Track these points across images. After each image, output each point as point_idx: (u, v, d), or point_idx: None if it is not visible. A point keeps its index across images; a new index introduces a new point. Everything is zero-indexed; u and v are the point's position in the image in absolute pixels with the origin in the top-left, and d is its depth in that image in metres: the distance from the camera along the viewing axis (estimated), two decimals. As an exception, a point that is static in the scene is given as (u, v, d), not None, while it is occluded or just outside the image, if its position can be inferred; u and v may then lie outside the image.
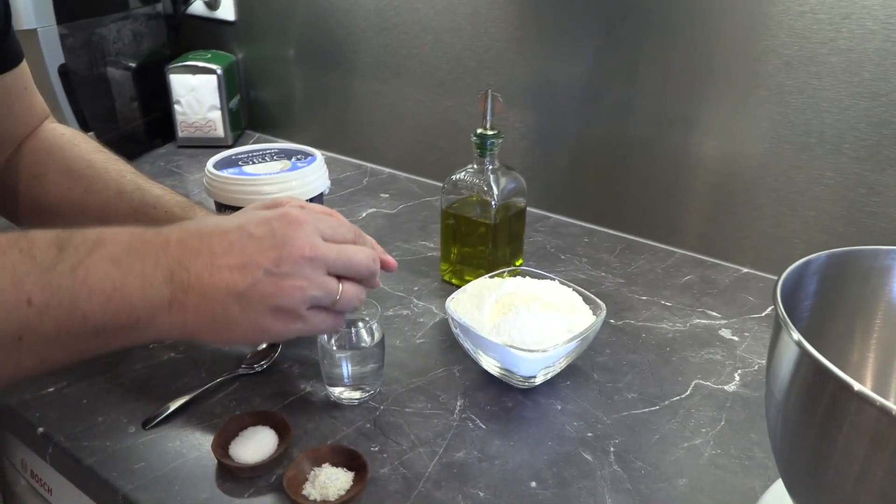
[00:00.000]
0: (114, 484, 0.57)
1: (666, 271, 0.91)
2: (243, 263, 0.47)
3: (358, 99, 1.23)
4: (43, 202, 0.73)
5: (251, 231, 0.49)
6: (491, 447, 0.61)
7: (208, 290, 0.47)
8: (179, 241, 0.47)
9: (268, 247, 0.48)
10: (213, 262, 0.47)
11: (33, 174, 0.73)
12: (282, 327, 0.50)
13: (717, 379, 0.71)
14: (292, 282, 0.48)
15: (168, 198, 0.72)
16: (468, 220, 0.83)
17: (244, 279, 0.47)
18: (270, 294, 0.48)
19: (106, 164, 0.74)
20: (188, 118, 1.29)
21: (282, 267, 0.48)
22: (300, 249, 0.49)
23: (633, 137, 0.96)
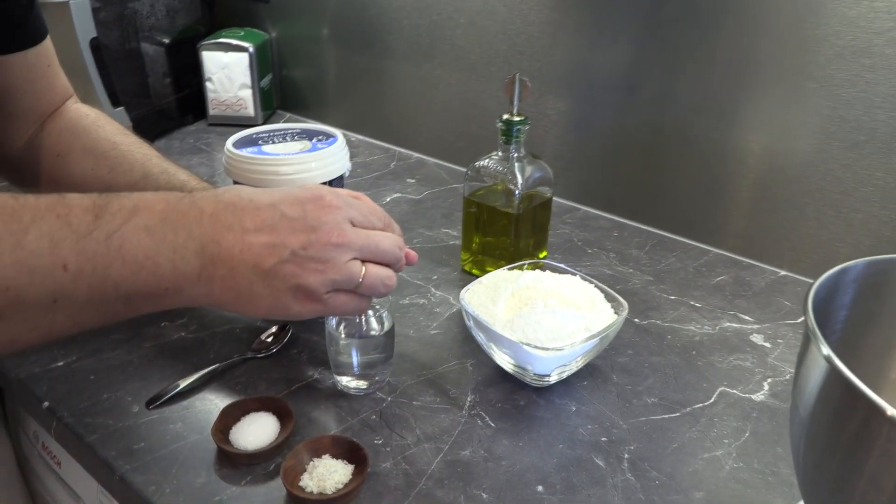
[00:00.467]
0: (112, 463, 0.56)
1: (698, 270, 0.87)
2: (272, 242, 0.48)
3: (389, 81, 1.20)
4: (66, 182, 0.73)
5: (284, 210, 0.49)
6: (499, 447, 0.59)
7: (236, 265, 0.48)
8: (213, 215, 0.48)
9: (298, 228, 0.49)
10: (244, 238, 0.48)
11: (56, 153, 0.73)
12: (301, 307, 0.51)
13: (745, 387, 0.67)
14: (316, 265, 0.49)
15: (194, 183, 0.72)
16: (491, 208, 0.80)
17: (271, 257, 0.48)
18: (293, 274, 0.49)
19: (131, 146, 0.74)
20: (219, 96, 1.28)
21: (308, 250, 0.49)
22: (328, 235, 0.49)
23: (672, 129, 0.92)
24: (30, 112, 0.73)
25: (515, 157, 0.78)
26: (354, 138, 1.28)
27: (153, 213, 0.47)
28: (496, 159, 0.79)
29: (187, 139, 1.25)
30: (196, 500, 0.53)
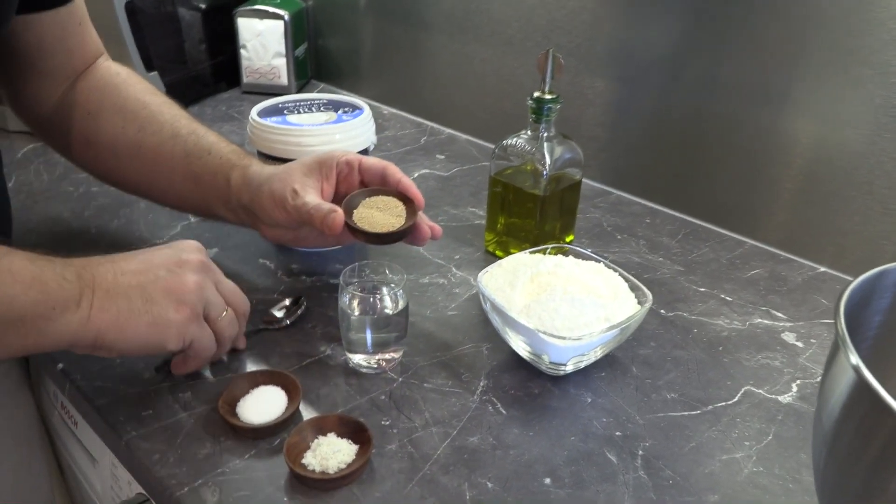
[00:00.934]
0: (119, 429, 0.56)
1: (731, 262, 0.84)
2: (145, 267, 0.53)
3: (423, 54, 1.18)
4: (96, 140, 0.73)
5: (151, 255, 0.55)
6: (508, 435, 0.57)
7: (112, 287, 0.51)
8: (82, 259, 0.52)
9: (169, 255, 0.55)
10: (116, 267, 0.53)
11: (87, 112, 0.73)
12: (183, 321, 0.54)
13: (772, 387, 0.64)
14: (193, 277, 0.54)
15: (223, 145, 0.71)
16: (517, 189, 0.77)
17: (146, 277, 0.53)
18: (173, 289, 0.53)
19: (161, 106, 0.73)
20: (253, 64, 1.27)
21: (183, 268, 0.54)
22: (197, 258, 0.56)
23: (713, 114, 0.87)
24: (61, 70, 0.73)
25: (545, 137, 0.76)
26: (387, 111, 1.26)
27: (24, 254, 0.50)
28: (525, 138, 0.77)
29: (220, 106, 1.25)
30: (199, 472, 0.53)
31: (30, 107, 0.75)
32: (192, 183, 0.70)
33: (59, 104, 0.74)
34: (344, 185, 0.66)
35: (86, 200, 0.90)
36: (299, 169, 0.65)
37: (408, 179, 0.64)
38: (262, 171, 0.67)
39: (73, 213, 0.88)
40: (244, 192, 0.67)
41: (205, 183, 0.70)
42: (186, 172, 0.70)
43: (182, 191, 0.72)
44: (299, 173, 0.64)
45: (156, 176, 0.72)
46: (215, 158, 0.70)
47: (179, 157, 0.70)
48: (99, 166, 0.76)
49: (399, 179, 0.64)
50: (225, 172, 0.68)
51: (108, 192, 0.92)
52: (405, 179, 0.64)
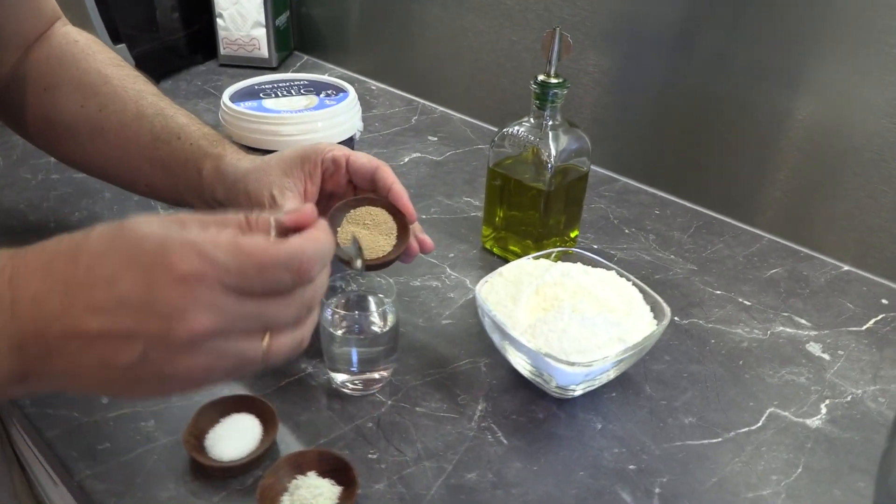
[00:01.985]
0: (71, 466, 0.50)
1: (748, 260, 0.77)
2: (116, 333, 0.33)
3: (415, 25, 1.09)
4: (54, 118, 0.65)
5: (122, 290, 0.33)
6: (510, 470, 0.51)
7: (78, 362, 0.35)
8: (34, 301, 0.34)
9: (146, 317, 0.33)
10: (78, 327, 0.34)
11: (43, 87, 0.65)
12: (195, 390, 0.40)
13: (799, 409, 0.58)
14: (190, 360, 0.34)
15: (194, 128, 0.62)
16: (518, 182, 0.70)
17: (123, 354, 0.34)
18: (163, 373, 0.34)
19: (124, 80, 0.65)
20: (231, 34, 1.18)
21: (169, 347, 0.33)
22: (190, 327, 0.33)
23: (727, 96, 0.80)
24: (12, 38, 0.64)
25: (550, 126, 0.68)
26: (375, 87, 1.17)
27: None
28: (528, 126, 0.69)
29: (195, 80, 1.16)
30: (160, 519, 0.46)
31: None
32: (161, 171, 0.62)
33: (12, 77, 0.65)
34: (330, 184, 0.58)
35: (45, 190, 0.82)
36: (278, 166, 0.56)
37: (400, 187, 0.55)
38: (238, 164, 0.58)
39: (31, 203, 0.80)
40: (218, 187, 0.59)
41: (174, 172, 0.61)
42: (154, 158, 0.62)
43: (150, 179, 0.64)
44: (278, 172, 0.55)
45: (120, 161, 0.64)
46: (185, 144, 0.61)
47: (145, 140, 0.62)
48: (58, 148, 0.68)
49: (390, 186, 0.55)
50: (196, 162, 0.60)
51: (69, 180, 0.84)
52: (397, 187, 0.55)
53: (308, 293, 0.37)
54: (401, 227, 0.54)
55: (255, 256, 0.34)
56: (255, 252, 0.34)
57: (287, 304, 0.36)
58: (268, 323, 0.36)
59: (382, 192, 0.54)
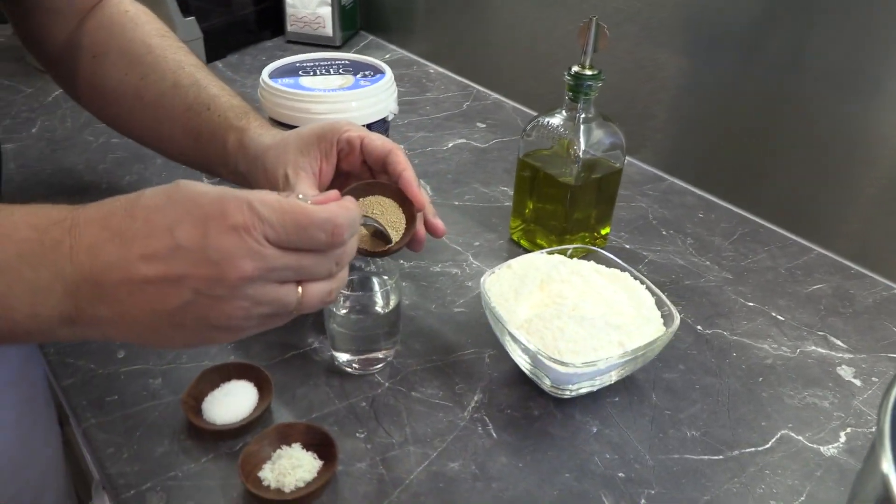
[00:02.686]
0: (80, 414, 0.53)
1: (791, 273, 0.73)
2: (169, 278, 0.37)
3: (476, 10, 1.08)
4: (101, 85, 0.68)
5: (179, 237, 0.37)
6: (494, 464, 0.51)
7: (127, 308, 0.38)
8: (92, 248, 0.37)
9: (199, 261, 0.37)
10: (132, 274, 0.37)
11: (93, 54, 0.68)
12: (229, 338, 0.42)
13: (815, 434, 0.55)
14: (233, 303, 0.38)
15: (224, 99, 0.64)
16: (547, 175, 0.69)
17: (170, 298, 0.37)
18: (207, 316, 0.38)
19: (165, 51, 0.67)
20: (298, 11, 1.20)
21: (215, 289, 0.37)
22: (238, 270, 0.37)
23: (791, 99, 0.75)
24: (69, 6, 0.68)
25: (582, 119, 0.66)
26: (433, 70, 1.17)
27: (10, 242, 0.37)
28: (561, 117, 0.68)
29: (260, 56, 1.19)
30: (150, 473, 0.49)
31: (39, 46, 0.71)
32: (193, 140, 0.64)
33: (67, 44, 0.69)
34: (345, 164, 0.58)
35: (103, 153, 0.87)
36: (296, 144, 0.57)
37: (411, 173, 0.53)
38: (260, 139, 0.60)
39: (88, 165, 0.85)
40: (241, 159, 0.61)
41: (203, 142, 0.64)
42: (186, 128, 0.64)
43: (184, 147, 0.66)
44: (295, 150, 0.56)
45: (158, 129, 0.67)
46: (214, 116, 0.63)
47: (180, 110, 0.64)
48: (104, 113, 0.72)
49: (400, 173, 0.54)
50: (222, 133, 0.62)
51: (126, 144, 0.88)
52: (407, 174, 0.53)
53: (339, 253, 0.42)
54: (409, 214, 0.54)
55: (297, 215, 0.39)
56: (296, 212, 0.39)
57: (320, 260, 0.41)
58: (303, 274, 0.40)
59: (393, 177, 0.54)
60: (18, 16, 0.68)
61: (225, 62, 1.16)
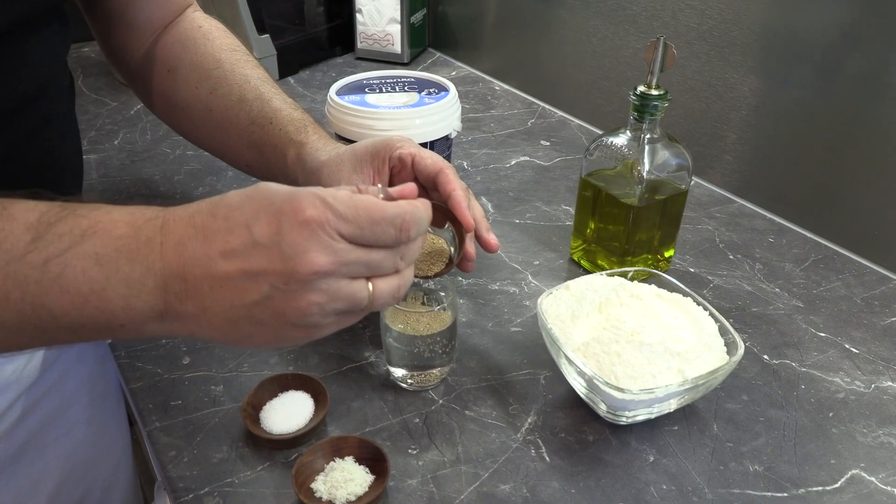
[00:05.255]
0: (146, 417, 0.55)
1: (867, 303, 0.70)
2: (247, 273, 0.38)
3: (542, 28, 1.08)
4: (174, 98, 0.71)
5: (255, 233, 0.39)
6: (545, 489, 0.50)
7: (209, 304, 0.39)
8: (179, 245, 0.39)
9: (274, 256, 0.38)
10: (213, 271, 0.39)
11: (167, 68, 0.71)
12: (307, 336, 0.42)
13: (889, 475, 0.52)
14: (307, 297, 0.39)
15: (285, 113, 0.66)
16: (609, 195, 0.68)
17: (250, 293, 0.39)
18: (283, 311, 0.39)
19: (234, 65, 0.69)
20: (368, 29, 1.23)
21: (291, 284, 0.38)
22: (310, 264, 0.38)
23: (872, 122, 0.72)
24: (147, 23, 0.71)
25: (647, 139, 0.65)
26: (498, 87, 1.18)
27: (109, 238, 0.39)
28: (625, 138, 0.67)
29: (330, 72, 1.22)
30: (208, 478, 0.50)
31: (120, 60, 0.74)
32: (257, 153, 0.66)
33: (144, 58, 0.72)
34: (398, 180, 0.58)
35: (179, 164, 0.91)
36: (350, 161, 0.58)
37: (459, 193, 0.53)
38: (316, 155, 0.61)
39: (164, 176, 0.88)
40: (299, 173, 0.62)
41: (266, 155, 0.65)
42: (251, 141, 0.66)
43: (249, 159, 0.68)
44: (349, 168, 0.57)
45: (226, 141, 0.69)
46: (275, 129, 0.65)
47: (244, 124, 0.66)
48: (178, 125, 0.74)
49: (450, 193, 0.53)
50: (283, 148, 0.63)
51: (200, 157, 0.92)
52: (457, 194, 0.53)
53: (406, 250, 0.42)
54: (460, 235, 0.54)
55: (368, 210, 0.39)
56: (368, 207, 0.40)
57: (388, 255, 0.41)
58: (373, 269, 0.41)
59: (443, 197, 0.54)
60: (102, 32, 0.72)
61: (296, 78, 1.20)
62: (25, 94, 0.55)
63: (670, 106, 0.64)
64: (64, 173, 0.64)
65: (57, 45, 0.59)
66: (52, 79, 0.59)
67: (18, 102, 0.54)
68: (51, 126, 0.59)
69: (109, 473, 0.72)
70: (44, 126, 0.58)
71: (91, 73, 1.19)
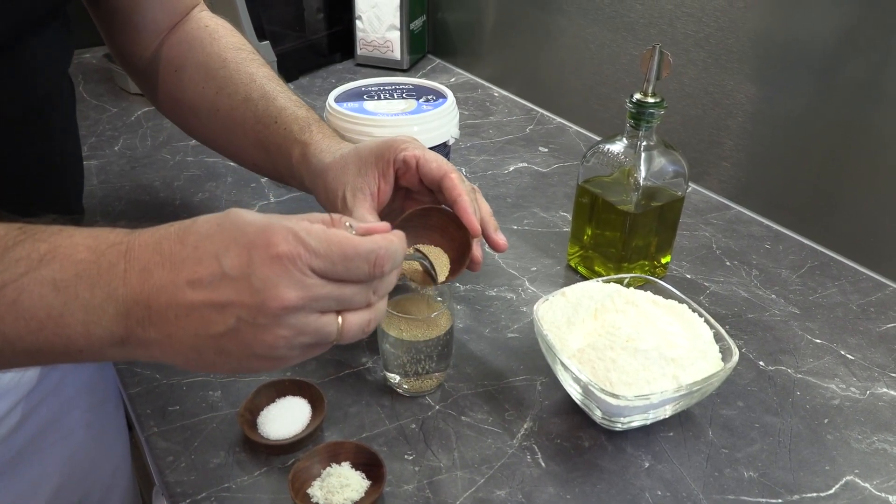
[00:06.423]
0: (144, 422, 0.55)
1: (863, 310, 0.70)
2: (213, 304, 0.38)
3: (540, 35, 1.09)
4: (180, 98, 0.71)
5: (225, 265, 0.38)
6: (541, 494, 0.50)
7: (173, 331, 0.39)
8: (144, 271, 0.39)
9: (243, 290, 0.38)
10: (179, 299, 0.38)
11: (174, 68, 0.70)
12: (272, 367, 0.42)
13: (884, 482, 0.52)
14: (275, 332, 0.38)
15: (290, 112, 0.65)
16: (606, 202, 0.68)
17: (215, 324, 0.38)
18: (250, 343, 0.39)
19: (240, 65, 0.69)
20: (367, 36, 1.24)
21: (258, 318, 0.38)
22: (280, 299, 0.37)
23: (870, 128, 0.73)
24: (154, 24, 0.70)
25: (644, 146, 0.66)
26: (497, 94, 1.18)
27: (69, 262, 0.38)
28: (622, 144, 0.67)
29: (330, 78, 1.23)
30: (205, 483, 0.50)
31: (128, 61, 0.74)
32: (263, 152, 0.66)
33: (152, 58, 0.71)
34: (403, 181, 0.58)
35: (178, 170, 0.91)
36: (354, 164, 0.57)
37: (465, 199, 0.52)
38: (322, 156, 0.60)
39: (164, 182, 0.89)
40: (304, 173, 0.62)
41: (272, 154, 0.65)
42: (256, 141, 0.66)
43: (256, 159, 0.68)
44: (353, 171, 0.57)
45: (232, 141, 0.69)
46: (280, 129, 0.64)
47: (250, 123, 0.66)
48: (185, 125, 0.74)
49: (456, 199, 0.53)
50: (288, 147, 0.63)
51: (200, 163, 0.93)
52: (463, 199, 0.52)
53: (380, 284, 0.42)
54: (466, 239, 0.54)
55: (341, 246, 0.39)
56: (341, 242, 0.39)
57: (361, 290, 0.41)
58: (343, 304, 0.41)
59: (448, 202, 0.54)
60: (110, 33, 0.72)
61: (296, 84, 1.20)
62: (30, 103, 0.55)
63: (668, 113, 0.65)
64: (65, 179, 0.64)
65: (60, 53, 0.59)
66: (56, 87, 0.59)
67: (23, 112, 0.54)
68: (53, 133, 0.60)
69: (108, 478, 0.73)
70: (46, 134, 0.59)
71: (92, 80, 1.19)
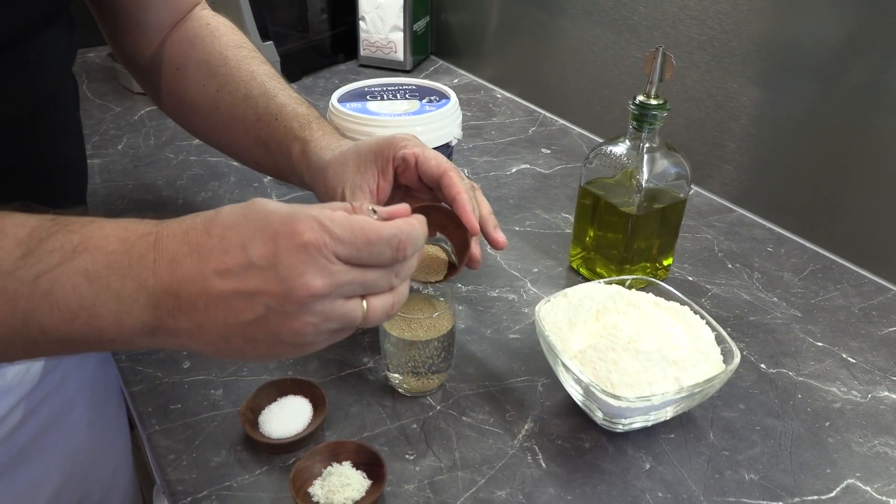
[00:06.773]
0: (145, 420, 0.55)
1: (865, 313, 0.70)
2: (242, 293, 0.39)
3: (543, 36, 1.09)
4: (181, 96, 0.71)
5: (252, 254, 0.39)
6: (541, 495, 0.50)
7: (203, 321, 0.39)
8: (173, 262, 0.39)
9: (270, 278, 0.38)
10: (208, 289, 0.39)
11: (175, 66, 0.70)
12: (299, 353, 0.43)
13: (885, 485, 0.52)
14: (303, 319, 0.39)
15: (290, 109, 0.65)
16: (608, 204, 0.68)
17: (244, 312, 0.39)
18: (278, 331, 0.40)
19: (240, 62, 0.69)
20: (371, 37, 1.24)
21: (286, 305, 0.39)
22: (307, 287, 0.38)
23: (874, 131, 0.72)
24: (156, 23, 0.70)
25: (646, 148, 0.66)
26: (500, 95, 1.18)
27: (101, 254, 0.39)
28: (624, 147, 0.67)
29: (333, 79, 1.23)
30: (206, 482, 0.50)
31: (131, 60, 0.74)
32: (264, 150, 0.66)
33: (154, 57, 0.71)
34: (403, 179, 0.58)
35: (181, 170, 0.91)
36: (354, 162, 0.57)
37: (464, 198, 0.52)
38: (321, 154, 0.61)
39: (167, 181, 0.89)
40: (304, 171, 0.62)
41: (273, 151, 0.65)
42: (257, 138, 0.66)
43: (257, 157, 0.68)
44: (353, 169, 0.57)
45: (233, 138, 0.69)
46: (281, 126, 0.64)
47: (251, 120, 0.66)
48: (187, 122, 0.74)
49: (454, 197, 0.53)
50: (288, 144, 0.63)
51: (202, 163, 0.93)
52: (461, 198, 0.52)
53: (402, 267, 0.43)
54: (465, 238, 0.54)
55: (364, 232, 0.40)
56: (364, 228, 0.40)
57: (384, 274, 0.42)
58: (368, 288, 0.41)
59: (447, 199, 0.54)
60: (111, 32, 0.72)
61: (299, 85, 1.21)
62: (34, 102, 0.55)
63: (670, 115, 0.65)
64: (68, 178, 0.64)
65: (64, 52, 0.59)
66: (59, 86, 0.60)
67: (27, 111, 0.54)
68: (56, 133, 0.60)
69: (109, 476, 0.73)
70: (50, 133, 0.59)
71: (95, 79, 1.20)
